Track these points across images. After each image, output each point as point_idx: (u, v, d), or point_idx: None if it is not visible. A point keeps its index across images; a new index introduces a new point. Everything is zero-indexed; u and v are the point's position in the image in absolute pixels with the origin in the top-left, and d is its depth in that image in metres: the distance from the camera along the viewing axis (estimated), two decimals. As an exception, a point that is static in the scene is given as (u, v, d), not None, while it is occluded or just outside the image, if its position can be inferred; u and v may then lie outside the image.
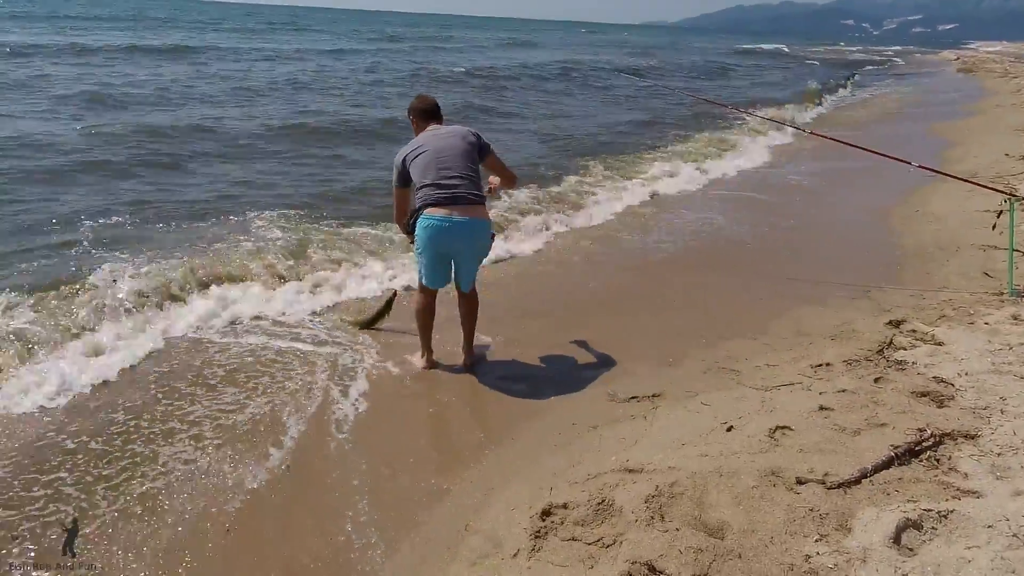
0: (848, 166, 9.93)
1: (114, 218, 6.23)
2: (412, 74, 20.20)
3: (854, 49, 69.28)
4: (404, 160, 3.78)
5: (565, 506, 2.54)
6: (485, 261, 4.02)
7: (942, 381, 3.36)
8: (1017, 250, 4.87)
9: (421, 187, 3.70)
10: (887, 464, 2.62)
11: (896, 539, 2.22)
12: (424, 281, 3.87)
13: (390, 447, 3.21)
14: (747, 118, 13.14)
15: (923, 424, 2.90)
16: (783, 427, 2.98)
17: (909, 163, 5.42)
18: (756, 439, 2.90)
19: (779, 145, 11.61)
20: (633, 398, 3.60)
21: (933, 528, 2.27)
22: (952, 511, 2.32)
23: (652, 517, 2.39)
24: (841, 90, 23.35)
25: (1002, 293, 4.65)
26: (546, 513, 2.51)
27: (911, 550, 2.20)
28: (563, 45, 47.39)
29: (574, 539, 2.38)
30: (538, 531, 2.43)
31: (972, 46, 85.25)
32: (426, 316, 3.94)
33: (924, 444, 2.75)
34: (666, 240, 6.61)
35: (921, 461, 2.67)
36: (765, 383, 3.60)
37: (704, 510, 2.42)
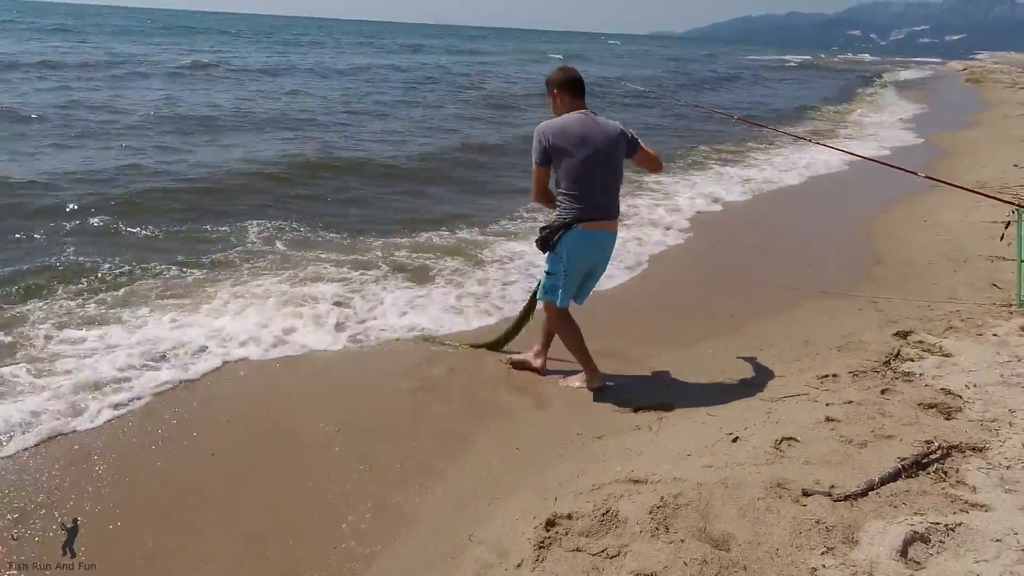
0: (854, 176, 9.92)
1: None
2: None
3: (880, 60, 71.13)
4: (553, 145, 3.51)
5: (569, 516, 2.53)
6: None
7: (950, 393, 3.34)
8: (1025, 261, 4.85)
9: (572, 194, 3.52)
10: (894, 476, 2.60)
11: (903, 552, 2.20)
12: (559, 301, 3.68)
13: (393, 455, 3.21)
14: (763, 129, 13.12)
15: (931, 436, 2.88)
16: (789, 438, 2.97)
17: (916, 173, 5.41)
18: (762, 450, 2.89)
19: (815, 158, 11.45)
20: (639, 408, 3.59)
21: (941, 541, 2.25)
22: (960, 524, 2.30)
23: (657, 528, 2.38)
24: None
25: (1011, 304, 4.62)
26: (550, 523, 2.50)
27: (918, 563, 2.18)
28: (612, 60, 46.79)
29: (578, 550, 2.36)
30: (542, 541, 2.42)
31: (980, 56, 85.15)
32: (577, 332, 3.79)
33: (931, 456, 2.73)
34: (684, 251, 6.61)
35: (928, 474, 2.65)
36: (771, 394, 3.59)
37: (709, 522, 2.41)
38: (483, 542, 2.56)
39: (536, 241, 3.69)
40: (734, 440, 3.04)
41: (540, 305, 3.93)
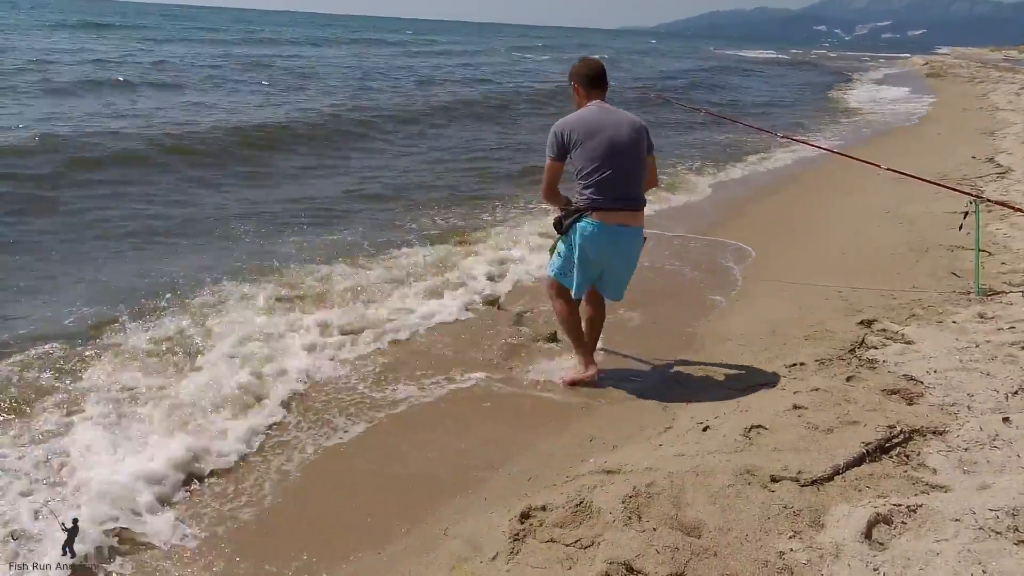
0: (818, 168, 10.10)
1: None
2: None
3: (865, 54, 72.67)
4: (568, 133, 3.41)
5: (544, 508, 2.55)
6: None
7: (912, 379, 3.43)
8: (983, 250, 5.00)
9: (590, 183, 3.38)
10: (858, 461, 2.67)
11: (867, 534, 2.26)
12: (571, 287, 3.60)
13: (366, 455, 3.20)
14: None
15: (893, 421, 2.95)
16: (758, 426, 3.02)
17: (879, 166, 5.53)
18: (731, 438, 2.94)
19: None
20: (609, 399, 3.63)
21: (903, 522, 2.31)
22: (921, 506, 2.36)
23: (629, 517, 2.41)
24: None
25: (969, 292, 4.75)
26: (525, 516, 2.52)
27: (882, 544, 2.24)
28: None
29: (552, 541, 2.39)
30: (517, 534, 2.44)
31: (941, 51, 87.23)
32: (576, 318, 3.71)
33: (894, 441, 2.81)
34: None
35: (891, 457, 2.72)
36: (740, 383, 3.65)
37: (681, 509, 2.45)
38: (458, 536, 2.57)
39: (553, 221, 3.60)
40: (704, 429, 3.09)
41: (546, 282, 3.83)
